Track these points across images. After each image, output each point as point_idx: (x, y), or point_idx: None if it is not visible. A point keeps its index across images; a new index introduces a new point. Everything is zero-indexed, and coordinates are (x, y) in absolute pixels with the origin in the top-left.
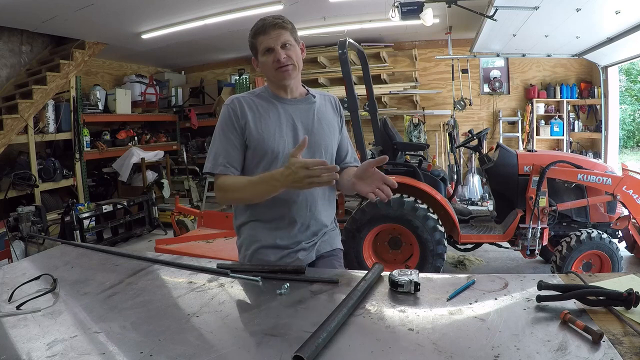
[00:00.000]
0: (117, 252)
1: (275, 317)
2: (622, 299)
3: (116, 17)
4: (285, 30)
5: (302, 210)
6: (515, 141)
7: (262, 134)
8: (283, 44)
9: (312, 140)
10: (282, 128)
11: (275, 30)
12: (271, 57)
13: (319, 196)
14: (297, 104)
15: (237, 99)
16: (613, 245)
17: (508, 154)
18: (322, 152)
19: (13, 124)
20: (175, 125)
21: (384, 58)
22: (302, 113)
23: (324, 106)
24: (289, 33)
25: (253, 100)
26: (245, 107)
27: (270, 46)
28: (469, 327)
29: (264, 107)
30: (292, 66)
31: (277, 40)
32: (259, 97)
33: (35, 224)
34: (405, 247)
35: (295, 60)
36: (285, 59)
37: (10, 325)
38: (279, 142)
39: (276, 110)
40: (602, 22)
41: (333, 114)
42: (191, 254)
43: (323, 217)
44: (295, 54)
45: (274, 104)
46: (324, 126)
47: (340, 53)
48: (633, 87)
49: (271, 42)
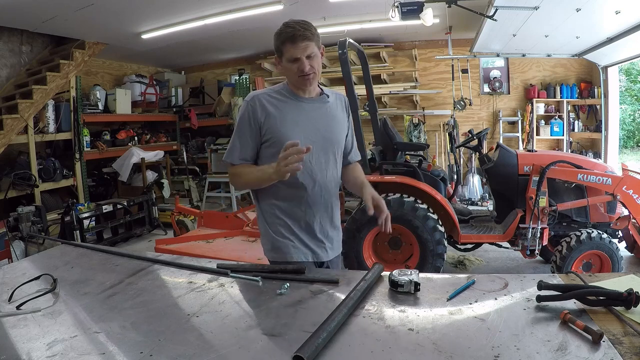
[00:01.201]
0: (117, 252)
1: (275, 317)
2: (622, 299)
3: (116, 17)
4: (311, 42)
5: (316, 197)
6: (515, 141)
7: (281, 128)
8: (309, 55)
9: (325, 137)
10: (298, 124)
11: (304, 42)
12: (296, 66)
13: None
14: (314, 103)
15: (257, 97)
16: (613, 245)
17: (508, 154)
18: (334, 147)
19: (13, 124)
20: (175, 125)
21: (384, 58)
22: (317, 111)
23: (335, 105)
24: (314, 44)
25: (273, 97)
26: (265, 105)
27: (297, 57)
28: (469, 327)
29: (284, 104)
30: (314, 74)
31: (304, 51)
32: (279, 93)
33: (35, 224)
34: (405, 247)
35: (316, 69)
36: (309, 69)
37: (10, 325)
38: (296, 136)
39: (295, 107)
40: (602, 22)
41: (342, 113)
42: (191, 254)
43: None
44: (317, 63)
45: (293, 101)
46: (336, 124)
47: (340, 53)
48: (633, 87)
49: (298, 53)
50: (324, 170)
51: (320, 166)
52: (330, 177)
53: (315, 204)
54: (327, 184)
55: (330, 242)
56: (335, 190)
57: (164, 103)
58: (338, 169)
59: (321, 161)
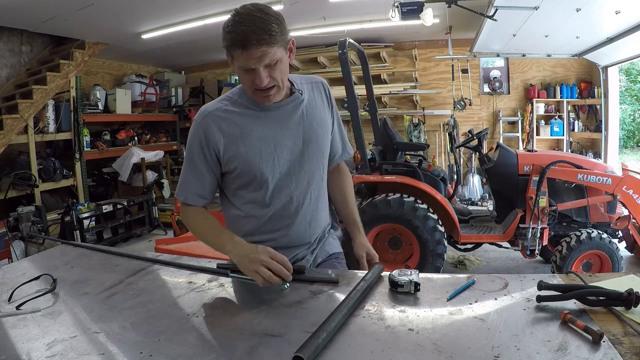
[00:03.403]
0: (117, 252)
1: (275, 317)
2: (622, 299)
3: (116, 17)
4: (271, 47)
5: (301, 227)
6: (515, 141)
7: (248, 155)
8: (268, 64)
9: (306, 150)
10: (269, 143)
11: (260, 48)
12: (250, 77)
13: (316, 208)
14: (284, 108)
15: (210, 115)
16: (613, 245)
17: (508, 154)
18: (318, 158)
19: (13, 124)
20: (175, 125)
21: (384, 58)
22: (289, 118)
23: (312, 100)
24: (276, 47)
25: (231, 111)
26: (221, 125)
27: (251, 67)
28: (469, 327)
29: (245, 120)
30: (277, 88)
31: (260, 60)
32: (236, 104)
33: (35, 224)
34: (405, 247)
35: (280, 79)
36: (269, 82)
37: (10, 326)
38: (267, 161)
39: (260, 121)
40: (602, 22)
41: (323, 106)
42: (191, 254)
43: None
44: (281, 71)
45: (256, 112)
46: (315, 127)
47: (340, 53)
48: (633, 87)
49: (252, 63)
50: (308, 192)
51: (303, 190)
52: (317, 197)
53: (301, 235)
54: (315, 210)
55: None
56: (325, 215)
57: (164, 103)
58: (325, 183)
59: (304, 183)
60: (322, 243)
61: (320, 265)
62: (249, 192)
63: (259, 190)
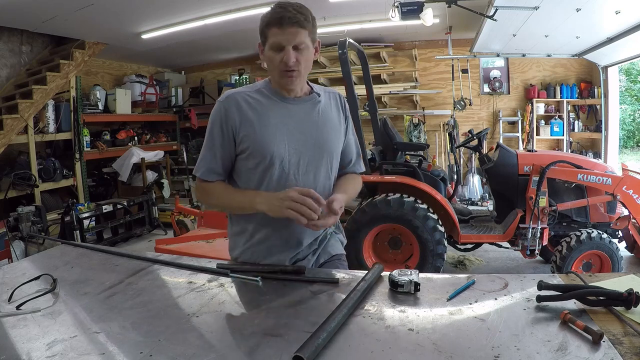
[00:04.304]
0: (117, 252)
1: (275, 317)
2: (622, 299)
3: (116, 17)
4: (303, 30)
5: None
6: (515, 141)
7: (261, 136)
8: (297, 45)
9: (316, 145)
10: (283, 130)
11: (293, 28)
12: (279, 56)
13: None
14: (302, 104)
15: (233, 97)
16: (613, 245)
17: (508, 154)
18: (327, 157)
19: (13, 124)
20: (175, 125)
21: (384, 58)
22: (305, 114)
23: (328, 106)
24: (307, 33)
25: (252, 97)
26: (242, 106)
27: (282, 45)
28: (469, 327)
29: (265, 105)
30: (298, 72)
31: (292, 39)
32: (259, 93)
33: (35, 224)
34: (405, 247)
35: (303, 65)
36: (294, 64)
37: (10, 326)
38: (280, 145)
39: (278, 110)
40: (602, 22)
41: (338, 114)
42: (191, 254)
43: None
44: (306, 58)
45: (276, 102)
46: (329, 129)
47: (340, 53)
48: (633, 87)
49: (283, 41)
50: (313, 187)
51: (307, 184)
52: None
53: (302, 232)
54: None
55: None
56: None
57: (164, 103)
58: (331, 183)
59: (310, 177)
60: (325, 244)
61: (322, 266)
62: (256, 174)
63: (267, 173)
